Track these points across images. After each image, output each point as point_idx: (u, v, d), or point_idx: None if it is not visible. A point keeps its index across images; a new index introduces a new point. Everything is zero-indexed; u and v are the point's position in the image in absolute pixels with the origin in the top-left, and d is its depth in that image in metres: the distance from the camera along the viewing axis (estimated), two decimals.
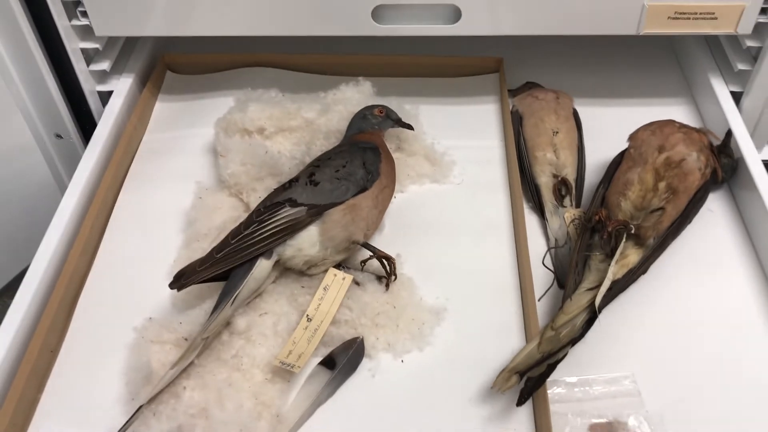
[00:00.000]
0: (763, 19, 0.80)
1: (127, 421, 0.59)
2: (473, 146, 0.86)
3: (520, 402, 0.61)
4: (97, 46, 0.86)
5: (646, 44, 1.02)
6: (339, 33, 0.83)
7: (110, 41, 0.90)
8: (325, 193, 0.69)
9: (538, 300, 0.70)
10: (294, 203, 0.67)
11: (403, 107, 0.86)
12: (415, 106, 0.88)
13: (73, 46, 0.84)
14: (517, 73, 0.95)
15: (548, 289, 0.72)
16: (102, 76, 0.90)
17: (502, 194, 0.81)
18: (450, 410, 0.63)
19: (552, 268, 0.74)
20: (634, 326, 0.69)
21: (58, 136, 0.89)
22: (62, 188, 0.90)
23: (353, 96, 0.84)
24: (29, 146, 0.85)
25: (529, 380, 0.61)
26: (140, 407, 0.60)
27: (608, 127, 0.84)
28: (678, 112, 0.91)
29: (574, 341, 0.63)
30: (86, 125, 0.90)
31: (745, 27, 0.80)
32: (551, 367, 0.62)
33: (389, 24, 0.82)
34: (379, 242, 0.73)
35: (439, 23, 0.82)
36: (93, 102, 0.89)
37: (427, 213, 0.79)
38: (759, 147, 0.89)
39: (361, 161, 0.72)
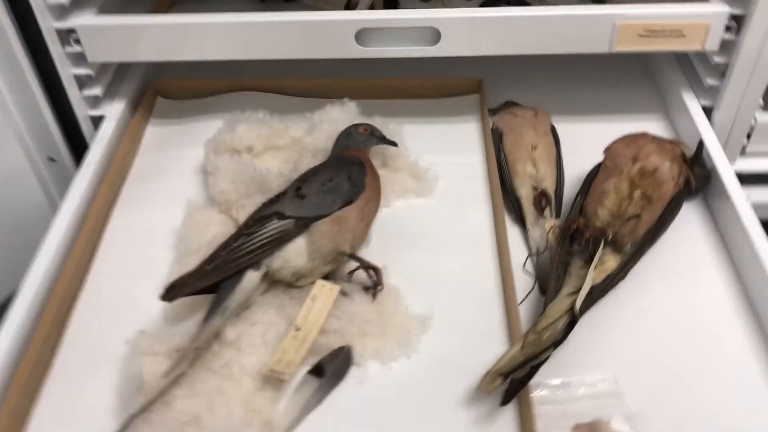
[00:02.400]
0: (728, 36, 0.83)
1: (118, 431, 0.60)
2: (456, 162, 0.89)
3: (505, 402, 0.63)
4: (89, 72, 0.88)
5: (619, 62, 1.06)
6: (324, 56, 0.86)
7: (102, 67, 0.93)
8: (312, 205, 0.71)
9: (520, 303, 0.72)
10: (282, 216, 0.70)
11: (388, 126, 0.89)
12: (399, 126, 0.91)
13: (67, 72, 0.86)
14: (496, 92, 0.98)
15: (529, 292, 0.74)
16: (94, 102, 0.92)
17: (484, 207, 0.83)
18: (437, 414, 0.64)
19: (533, 272, 0.76)
20: (614, 329, 0.71)
21: (51, 159, 0.91)
22: (54, 209, 0.91)
23: (339, 116, 0.87)
24: (23, 170, 0.87)
25: (513, 382, 0.63)
26: (132, 416, 0.61)
27: (585, 141, 0.86)
28: (652, 126, 0.94)
29: (556, 344, 0.65)
30: (78, 149, 0.92)
31: (712, 44, 0.83)
32: (534, 369, 0.63)
33: (372, 47, 0.85)
34: (366, 254, 0.75)
35: (420, 45, 0.85)
36: (85, 126, 0.91)
37: (412, 226, 0.81)
38: (731, 158, 0.92)
39: (347, 175, 0.74)
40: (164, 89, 1.00)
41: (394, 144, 0.85)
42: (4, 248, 0.90)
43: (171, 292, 0.67)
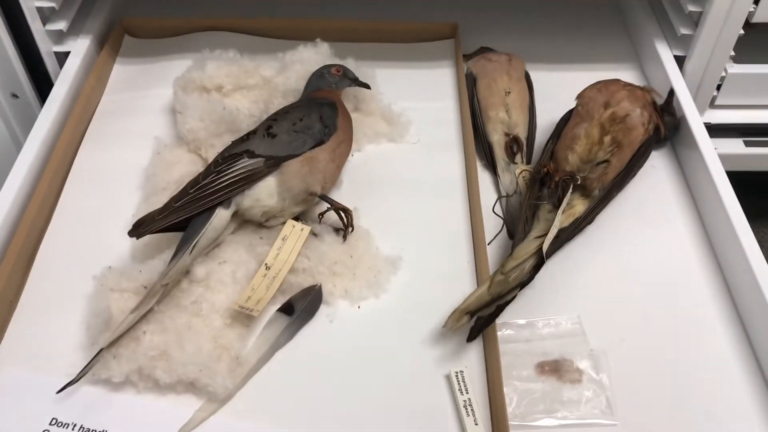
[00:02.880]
0: None
1: (87, 364, 0.60)
2: (429, 108, 0.88)
3: (471, 338, 0.64)
4: (53, 5, 0.85)
5: (595, 12, 1.05)
6: None
7: (66, 1, 0.89)
8: (282, 145, 0.70)
9: (489, 243, 0.73)
10: (252, 154, 0.69)
11: (361, 69, 0.87)
12: (372, 69, 0.90)
13: (29, 4, 0.83)
14: (472, 39, 0.97)
15: (498, 232, 0.75)
16: (59, 37, 0.89)
17: (456, 152, 0.83)
18: (405, 352, 0.65)
19: (501, 215, 0.76)
20: (580, 272, 0.72)
21: (14, 95, 0.88)
22: (18, 148, 0.89)
23: (311, 56, 0.86)
24: None
25: (479, 319, 0.64)
26: (100, 350, 0.61)
27: (559, 89, 0.86)
28: (625, 76, 0.93)
29: (522, 285, 0.66)
30: (43, 86, 0.90)
31: None
32: (500, 308, 0.64)
33: None
34: (337, 197, 0.75)
35: None
36: (50, 63, 0.89)
37: (384, 170, 0.81)
38: (701, 109, 0.93)
39: (318, 116, 0.73)
40: (131, 27, 0.97)
41: (366, 86, 0.84)
42: None
43: (138, 229, 0.66)
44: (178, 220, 0.66)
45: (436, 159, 0.83)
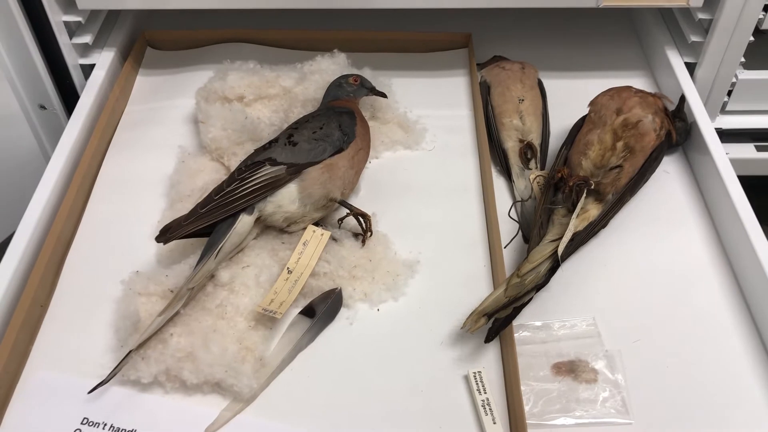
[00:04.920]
0: None
1: (117, 365, 0.63)
2: (444, 115, 0.90)
3: (488, 339, 0.65)
4: (79, 19, 0.88)
5: (607, 19, 1.07)
6: (315, 6, 0.86)
7: (92, 15, 0.92)
8: (303, 152, 0.72)
9: (505, 246, 0.75)
10: (274, 162, 0.71)
11: (377, 79, 0.89)
12: (389, 79, 0.92)
13: (57, 18, 0.86)
14: (485, 48, 0.99)
15: (515, 236, 0.76)
16: (84, 50, 0.92)
17: (471, 158, 0.85)
18: (423, 353, 0.67)
19: (517, 219, 0.78)
20: (595, 275, 0.74)
21: (42, 107, 0.91)
22: (46, 158, 0.92)
23: (329, 67, 0.88)
24: (16, 115, 0.88)
25: (496, 321, 0.66)
26: (129, 352, 0.63)
27: (571, 96, 0.88)
28: (636, 83, 0.96)
29: (538, 287, 0.68)
30: (69, 98, 0.92)
31: (696, 0, 0.85)
32: (517, 310, 0.66)
33: None
34: (356, 203, 0.77)
35: None
36: (76, 75, 0.91)
37: (400, 176, 0.83)
38: (712, 114, 0.94)
39: (337, 124, 0.76)
40: (153, 40, 1.00)
41: (383, 95, 0.86)
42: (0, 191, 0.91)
43: (165, 234, 0.68)
44: (204, 226, 0.68)
45: (451, 165, 0.85)
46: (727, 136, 0.95)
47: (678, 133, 0.83)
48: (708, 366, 0.67)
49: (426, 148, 0.87)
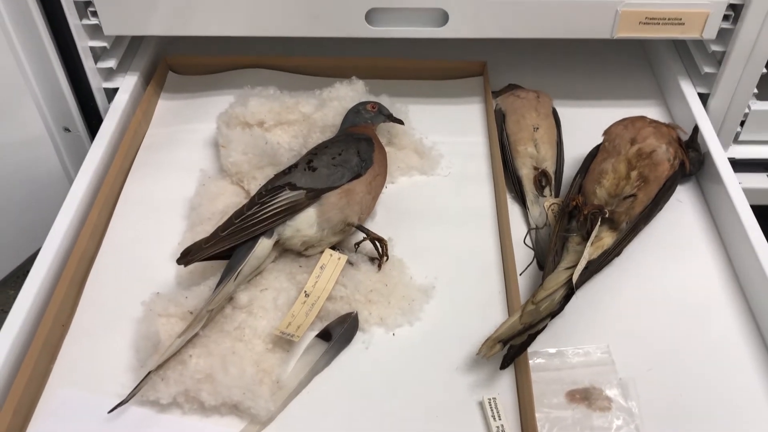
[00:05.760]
0: (726, 25, 0.86)
1: (137, 386, 0.64)
2: (459, 142, 0.92)
3: (504, 366, 0.66)
4: (105, 44, 0.91)
5: (620, 49, 1.09)
6: (335, 35, 0.88)
7: (117, 40, 0.95)
8: (322, 178, 0.74)
9: (520, 274, 0.75)
10: (294, 187, 0.72)
11: (394, 105, 0.91)
12: (405, 105, 0.94)
13: (83, 44, 0.89)
14: (500, 76, 1.01)
15: (530, 263, 0.77)
16: (108, 74, 0.95)
17: (486, 185, 0.86)
18: (438, 378, 0.68)
19: (532, 246, 0.79)
20: (609, 303, 0.74)
21: (67, 129, 0.94)
22: (69, 179, 0.94)
23: (347, 93, 0.90)
24: (41, 137, 0.90)
25: (511, 348, 0.66)
26: (149, 373, 0.64)
27: (585, 125, 0.90)
28: (650, 112, 0.97)
29: (553, 314, 0.68)
30: (93, 120, 0.95)
31: (710, 32, 0.86)
32: (532, 337, 0.66)
33: (382, 26, 0.87)
34: (372, 227, 0.78)
35: (428, 26, 0.88)
36: (100, 98, 0.94)
37: (416, 202, 0.84)
38: (725, 144, 0.95)
39: (355, 150, 0.77)
40: (175, 65, 1.02)
41: (400, 122, 0.87)
42: (23, 211, 0.93)
43: (186, 257, 0.69)
44: (224, 249, 0.70)
45: (466, 191, 0.86)
46: (740, 165, 0.95)
47: (691, 162, 0.84)
48: (722, 395, 0.67)
49: (441, 174, 0.88)
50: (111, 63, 0.93)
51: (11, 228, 0.93)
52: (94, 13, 0.86)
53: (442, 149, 0.90)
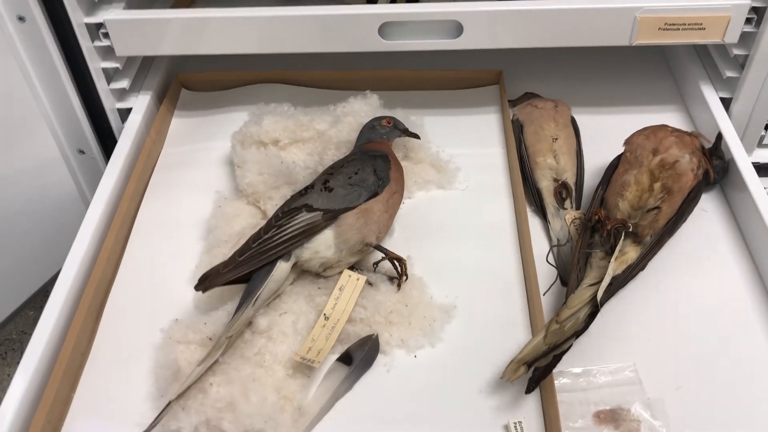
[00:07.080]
0: (748, 29, 0.84)
1: (157, 416, 0.63)
2: (476, 154, 0.90)
3: (529, 390, 0.65)
4: (117, 65, 0.90)
5: (639, 55, 1.07)
6: (348, 49, 0.87)
7: (129, 61, 0.94)
8: (339, 198, 0.73)
9: (543, 294, 0.74)
10: (310, 208, 0.71)
11: (409, 118, 0.90)
12: (420, 118, 0.93)
13: (96, 65, 0.88)
14: (516, 84, 0.99)
15: (552, 284, 0.76)
16: (121, 94, 0.94)
17: (505, 198, 0.85)
18: (462, 401, 0.66)
19: (554, 264, 0.77)
20: (634, 319, 0.73)
21: (81, 151, 0.93)
22: (85, 202, 0.94)
23: (361, 108, 0.89)
24: (56, 161, 0.90)
25: (536, 370, 0.65)
26: (169, 402, 0.63)
27: (605, 133, 0.88)
28: (671, 118, 0.95)
29: (578, 333, 0.67)
30: (107, 141, 0.94)
31: (732, 36, 0.84)
32: (557, 358, 0.65)
33: (395, 40, 0.86)
34: (390, 245, 0.77)
35: (442, 38, 0.86)
36: (113, 119, 0.93)
37: (434, 217, 0.83)
38: (749, 150, 0.93)
39: (372, 168, 0.76)
40: (188, 81, 1.02)
41: (416, 136, 0.86)
42: (41, 235, 0.93)
43: (204, 282, 0.69)
44: (242, 274, 0.69)
45: (485, 205, 0.84)
46: (765, 170, 0.93)
47: (715, 171, 0.82)
48: (756, 414, 0.65)
49: (459, 187, 0.87)
50: (124, 83, 0.93)
51: (30, 252, 0.93)
52: (106, 35, 0.86)
53: (459, 162, 0.89)
